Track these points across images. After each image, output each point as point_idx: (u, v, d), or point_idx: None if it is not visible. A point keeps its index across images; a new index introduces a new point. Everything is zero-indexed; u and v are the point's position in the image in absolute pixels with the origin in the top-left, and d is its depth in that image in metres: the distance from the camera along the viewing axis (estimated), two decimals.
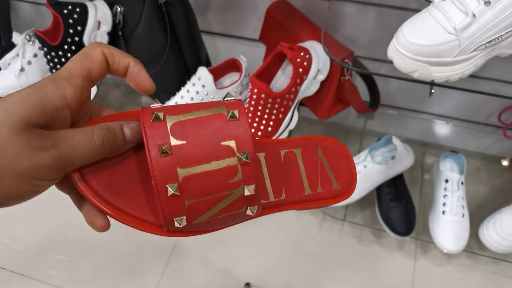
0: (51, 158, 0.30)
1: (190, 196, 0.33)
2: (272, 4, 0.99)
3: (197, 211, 0.34)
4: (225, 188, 0.34)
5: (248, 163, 0.34)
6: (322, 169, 0.43)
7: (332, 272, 1.09)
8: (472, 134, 1.19)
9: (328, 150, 0.45)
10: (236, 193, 0.34)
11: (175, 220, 0.34)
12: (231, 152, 0.34)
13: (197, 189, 0.33)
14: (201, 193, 0.33)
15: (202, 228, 0.36)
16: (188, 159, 0.33)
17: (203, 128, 0.34)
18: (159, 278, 1.08)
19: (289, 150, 0.43)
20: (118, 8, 0.94)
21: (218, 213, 0.35)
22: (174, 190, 0.32)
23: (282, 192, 0.41)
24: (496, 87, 0.99)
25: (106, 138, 0.33)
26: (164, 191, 0.33)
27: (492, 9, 0.59)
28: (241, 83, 0.98)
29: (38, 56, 1.04)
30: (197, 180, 0.33)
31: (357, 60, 0.96)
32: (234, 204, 0.35)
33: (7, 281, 1.08)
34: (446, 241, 1.00)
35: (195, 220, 0.34)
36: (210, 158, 0.33)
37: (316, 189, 0.42)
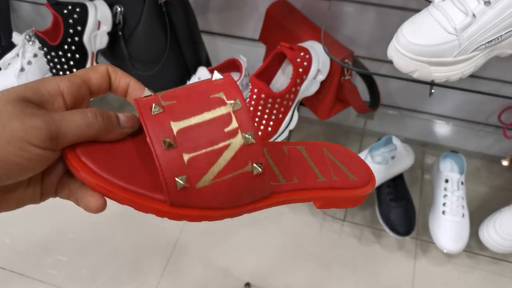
0: (41, 121, 0.30)
1: (188, 149, 0.32)
2: (272, 4, 0.99)
3: (198, 168, 0.32)
4: (222, 138, 0.33)
5: (240, 108, 0.33)
6: (332, 163, 0.42)
7: (332, 272, 1.09)
8: (472, 134, 1.19)
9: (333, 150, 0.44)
10: (235, 143, 0.33)
11: (176, 179, 0.32)
12: (222, 102, 0.34)
13: (193, 140, 0.32)
14: (198, 145, 0.32)
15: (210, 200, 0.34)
16: (180, 112, 0.33)
17: (191, 90, 0.35)
18: (159, 278, 1.08)
19: (291, 146, 0.43)
20: (118, 8, 0.94)
21: (221, 172, 0.33)
22: (169, 142, 0.32)
23: (294, 176, 0.39)
24: (496, 87, 0.99)
25: (99, 113, 0.34)
26: (160, 146, 0.32)
27: (492, 9, 0.59)
28: (241, 83, 0.98)
29: (38, 56, 1.04)
30: (192, 131, 0.33)
31: (357, 60, 0.96)
32: (236, 158, 0.33)
33: (7, 281, 1.08)
34: (446, 241, 1.00)
35: (199, 183, 0.33)
36: (202, 109, 0.33)
37: (330, 177, 0.40)
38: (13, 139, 0.29)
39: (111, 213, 0.35)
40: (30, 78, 1.04)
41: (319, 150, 0.43)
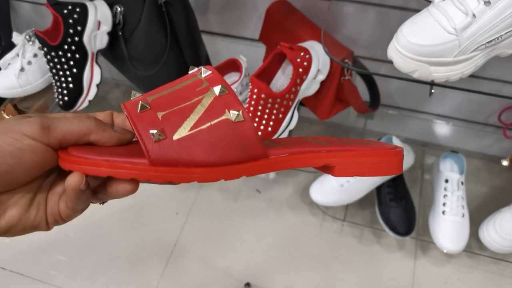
0: (35, 117, 0.33)
1: (161, 108, 0.34)
2: (272, 4, 0.99)
3: (173, 121, 0.33)
4: (194, 95, 0.34)
5: (210, 74, 0.35)
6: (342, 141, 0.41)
7: (332, 272, 1.09)
8: (472, 134, 1.19)
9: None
10: (208, 96, 0.34)
11: (151, 133, 0.32)
12: (194, 74, 0.36)
13: (167, 101, 0.34)
14: (171, 103, 0.34)
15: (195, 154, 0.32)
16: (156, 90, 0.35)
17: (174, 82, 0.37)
18: (159, 278, 1.08)
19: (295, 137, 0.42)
20: (118, 8, 0.94)
21: (198, 122, 0.33)
22: (143, 104, 0.33)
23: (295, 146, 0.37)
24: (496, 87, 0.99)
25: (92, 115, 0.36)
26: (134, 110, 0.33)
27: (492, 9, 0.59)
28: (241, 83, 0.98)
29: (38, 56, 1.04)
30: (165, 97, 0.35)
31: (357, 60, 0.96)
32: (211, 108, 0.34)
33: (7, 281, 1.08)
34: (446, 241, 1.00)
35: (175, 134, 0.32)
36: (176, 83, 0.36)
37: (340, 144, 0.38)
38: (8, 130, 0.31)
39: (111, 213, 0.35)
40: (30, 78, 1.04)
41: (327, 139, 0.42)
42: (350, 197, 1.09)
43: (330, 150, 0.37)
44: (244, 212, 1.19)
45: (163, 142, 0.32)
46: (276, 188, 1.22)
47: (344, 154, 0.37)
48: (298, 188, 1.21)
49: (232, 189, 1.22)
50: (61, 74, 0.95)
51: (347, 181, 1.08)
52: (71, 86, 0.97)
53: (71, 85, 0.97)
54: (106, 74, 1.07)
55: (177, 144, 0.32)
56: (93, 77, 0.99)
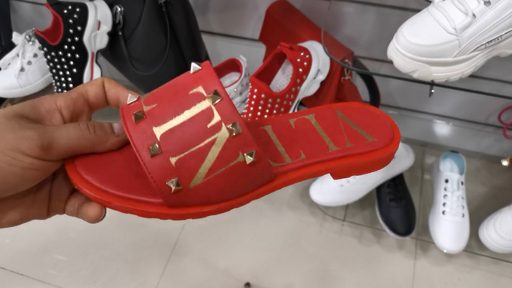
0: (34, 132, 0.31)
1: (173, 152, 0.32)
2: (272, 4, 0.99)
3: (187, 169, 0.32)
4: (206, 134, 0.32)
5: (221, 100, 0.32)
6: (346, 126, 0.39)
7: (332, 272, 1.09)
8: (472, 134, 1.19)
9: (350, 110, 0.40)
10: (221, 137, 0.32)
11: (168, 184, 0.32)
12: (201, 96, 0.32)
13: (177, 142, 0.32)
14: (183, 146, 0.32)
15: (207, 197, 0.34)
16: (161, 117, 0.33)
17: (171, 89, 0.34)
18: (159, 278, 1.08)
19: (299, 117, 0.40)
20: (118, 8, 0.94)
21: (213, 168, 0.32)
22: (154, 148, 0.32)
23: (301, 153, 0.37)
24: (496, 87, 0.99)
25: (92, 125, 0.34)
26: (146, 154, 0.32)
27: (492, 9, 0.59)
28: (241, 83, 0.98)
29: (38, 56, 1.04)
30: (174, 133, 0.32)
31: (357, 60, 0.96)
32: (225, 152, 0.32)
33: (7, 281, 1.08)
34: (446, 241, 1.00)
35: (191, 183, 0.32)
36: (182, 109, 0.32)
37: (344, 144, 0.38)
38: (6, 149, 0.30)
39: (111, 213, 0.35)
40: (30, 78, 1.04)
41: (332, 115, 0.40)
42: (350, 197, 1.09)
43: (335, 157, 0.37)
44: (244, 212, 1.18)
45: (181, 191, 0.33)
46: None
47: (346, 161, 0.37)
48: (298, 188, 1.21)
49: None
50: (61, 74, 0.95)
51: (347, 181, 1.08)
52: (71, 86, 0.97)
53: (71, 85, 0.96)
54: (106, 74, 1.07)
55: (193, 191, 0.33)
56: (93, 77, 0.98)
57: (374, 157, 0.38)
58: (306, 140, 0.38)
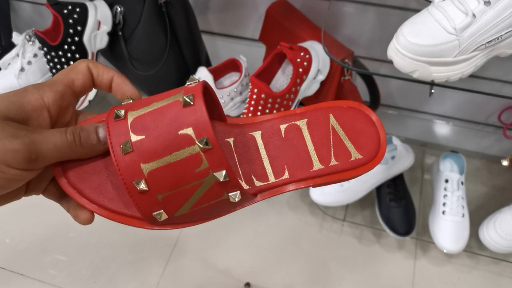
0: (20, 144, 0.30)
1: (160, 190, 0.33)
2: (272, 4, 0.99)
3: (174, 204, 0.33)
4: (194, 178, 0.32)
5: (210, 149, 0.32)
6: (336, 139, 0.39)
7: (332, 272, 1.09)
8: (472, 134, 1.19)
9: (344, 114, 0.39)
10: (208, 181, 0.33)
11: (154, 215, 0.34)
12: (190, 141, 0.32)
13: (165, 182, 0.32)
14: (170, 186, 0.33)
15: (190, 219, 0.36)
16: (149, 153, 0.32)
17: (160, 119, 0.33)
18: (159, 278, 1.08)
19: (291, 123, 0.39)
20: (118, 8, 0.94)
21: (198, 203, 0.34)
22: (142, 186, 0.32)
23: (285, 170, 0.38)
24: (496, 87, 0.99)
25: (78, 135, 0.33)
26: (133, 188, 0.33)
27: (492, 9, 0.59)
28: (241, 83, 0.98)
29: (38, 56, 1.04)
30: (162, 173, 0.32)
31: (357, 60, 0.96)
32: (211, 192, 0.33)
33: (7, 281, 1.08)
34: (446, 241, 1.00)
35: (176, 213, 0.34)
36: (170, 149, 0.32)
37: (328, 162, 0.38)
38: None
39: None
40: (30, 78, 1.04)
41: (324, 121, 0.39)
42: (350, 197, 1.09)
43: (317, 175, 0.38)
44: (244, 212, 1.18)
45: (166, 219, 0.34)
46: None
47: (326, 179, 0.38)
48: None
49: None
50: None
51: (347, 181, 1.08)
52: None
53: None
54: None
55: (177, 217, 0.35)
56: None
57: (353, 174, 0.38)
58: (292, 154, 0.38)
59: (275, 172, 0.38)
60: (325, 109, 0.40)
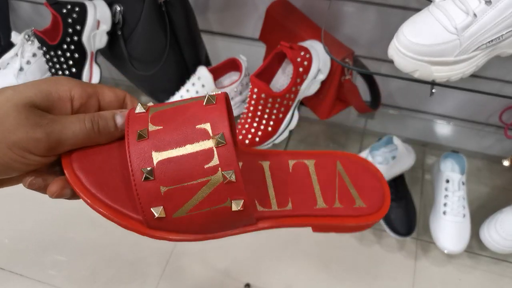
0: (42, 133, 0.32)
1: (165, 182, 0.32)
2: (272, 3, 0.99)
3: (174, 201, 0.33)
4: (201, 174, 0.32)
5: (224, 145, 0.32)
6: (341, 184, 0.39)
7: (332, 272, 1.08)
8: (473, 134, 1.19)
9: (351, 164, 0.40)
10: (214, 180, 0.32)
11: (152, 210, 0.33)
12: (206, 135, 0.33)
13: (171, 174, 0.32)
14: (176, 179, 0.32)
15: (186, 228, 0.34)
16: (163, 142, 0.33)
17: (181, 115, 0.34)
18: (158, 279, 1.08)
19: (299, 161, 0.40)
20: (117, 7, 0.94)
21: (199, 205, 0.33)
22: (148, 174, 0.32)
23: (288, 202, 0.38)
24: (497, 87, 0.99)
25: (96, 122, 0.35)
26: (139, 176, 0.32)
27: (493, 9, 0.59)
28: (241, 82, 0.98)
29: (37, 55, 1.03)
30: (171, 164, 0.32)
31: (357, 59, 0.96)
32: (215, 194, 0.33)
33: (7, 282, 1.08)
34: (446, 242, 1.00)
35: (175, 213, 0.33)
36: (185, 141, 0.33)
37: (332, 203, 0.38)
38: (15, 146, 0.31)
39: None
40: (29, 78, 1.03)
41: (331, 166, 0.40)
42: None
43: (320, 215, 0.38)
44: None
45: (163, 219, 0.33)
46: None
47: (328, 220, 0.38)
48: None
49: None
50: (60, 74, 0.95)
51: None
52: None
53: None
54: (105, 74, 1.07)
55: (175, 220, 0.34)
56: (92, 76, 0.98)
57: (356, 222, 0.38)
58: (298, 188, 0.39)
59: (278, 201, 0.38)
60: (333, 155, 0.41)
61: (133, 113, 0.35)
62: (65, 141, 0.33)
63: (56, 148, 0.33)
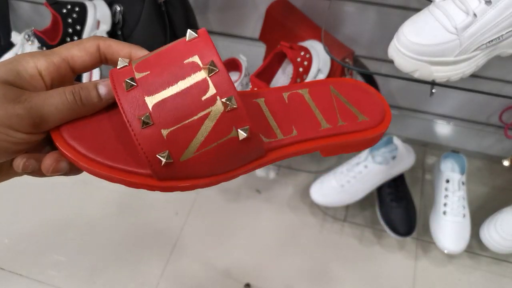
0: (23, 109, 0.31)
1: (165, 124, 0.31)
2: (272, 3, 0.98)
3: (179, 142, 0.31)
4: (200, 107, 0.31)
5: (217, 72, 0.31)
6: (339, 104, 0.39)
7: (333, 272, 1.08)
8: (473, 134, 1.19)
9: (344, 87, 0.40)
10: (215, 111, 0.31)
11: (158, 156, 0.31)
12: (196, 67, 0.31)
13: (170, 114, 0.31)
14: (176, 118, 0.31)
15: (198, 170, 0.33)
16: (154, 85, 0.31)
17: (165, 56, 0.33)
18: (158, 278, 1.08)
19: (293, 91, 0.40)
20: (117, 7, 0.94)
21: (205, 143, 0.31)
22: (146, 119, 0.31)
23: (292, 129, 0.37)
24: (497, 87, 0.99)
25: (78, 94, 0.33)
26: (136, 124, 0.31)
27: (493, 9, 0.59)
28: (241, 82, 0.98)
29: None
30: (167, 104, 0.31)
31: (357, 59, 0.96)
32: (218, 126, 0.31)
33: (6, 282, 1.08)
34: (447, 242, 1.00)
35: (182, 156, 0.32)
36: (176, 78, 0.31)
37: (335, 122, 0.38)
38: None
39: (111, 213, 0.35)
40: None
41: (325, 91, 0.40)
42: (350, 198, 1.08)
43: (326, 135, 0.37)
44: (244, 212, 1.18)
45: (171, 164, 0.32)
46: (276, 188, 1.22)
47: (336, 139, 0.37)
48: (298, 188, 1.21)
49: (232, 189, 1.22)
50: None
51: (348, 182, 1.07)
52: None
53: None
54: (105, 74, 1.07)
55: (183, 164, 0.32)
56: (92, 76, 0.98)
57: (364, 136, 0.38)
58: (298, 115, 0.38)
59: (283, 130, 0.37)
60: (325, 82, 0.40)
61: (115, 70, 0.33)
62: (48, 116, 0.32)
63: (40, 124, 0.32)
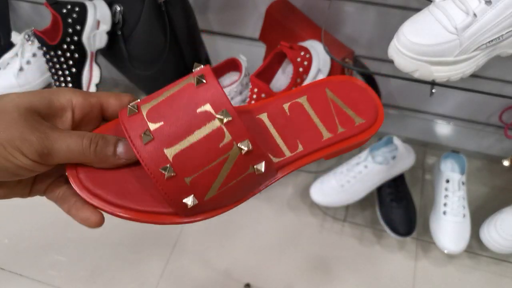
0: (37, 138, 0.32)
1: (187, 173, 0.33)
2: (272, 3, 0.98)
3: (202, 186, 0.33)
4: (218, 154, 0.33)
5: (231, 120, 0.32)
6: (337, 109, 0.41)
7: (333, 272, 1.08)
8: (473, 134, 1.19)
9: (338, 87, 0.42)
10: (233, 155, 0.33)
11: (184, 201, 0.33)
12: (210, 116, 0.33)
13: (191, 163, 0.32)
14: (196, 166, 0.33)
15: (220, 203, 0.35)
16: (171, 137, 0.33)
17: (176, 103, 0.33)
18: (158, 279, 1.08)
19: (292, 101, 0.41)
20: (117, 7, 0.94)
21: (226, 181, 0.34)
22: (168, 172, 0.32)
23: (298, 144, 0.39)
24: (497, 87, 0.99)
25: (95, 142, 0.34)
26: (160, 176, 0.32)
27: (493, 9, 0.59)
28: (241, 82, 0.98)
29: (37, 55, 1.03)
30: (187, 154, 0.32)
31: (357, 59, 0.96)
32: (237, 166, 0.33)
33: (6, 282, 1.08)
34: (447, 242, 1.00)
35: (206, 196, 0.34)
36: (192, 129, 0.33)
37: (336, 130, 0.40)
38: (9, 145, 0.31)
39: None
40: (29, 78, 1.03)
41: (322, 96, 0.42)
42: (350, 198, 1.08)
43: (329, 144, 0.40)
44: (244, 212, 1.18)
45: (197, 205, 0.34)
46: (276, 188, 1.22)
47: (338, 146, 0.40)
48: (298, 188, 1.21)
49: None
50: (60, 74, 0.95)
51: (348, 182, 1.07)
52: (70, 86, 0.96)
53: (70, 85, 0.96)
54: (105, 74, 1.07)
55: (208, 201, 0.34)
56: (92, 77, 0.98)
57: (362, 138, 0.41)
58: (301, 128, 0.40)
59: (289, 147, 0.39)
60: (320, 84, 0.42)
61: (125, 116, 0.34)
62: (57, 151, 0.33)
63: (47, 156, 0.32)
